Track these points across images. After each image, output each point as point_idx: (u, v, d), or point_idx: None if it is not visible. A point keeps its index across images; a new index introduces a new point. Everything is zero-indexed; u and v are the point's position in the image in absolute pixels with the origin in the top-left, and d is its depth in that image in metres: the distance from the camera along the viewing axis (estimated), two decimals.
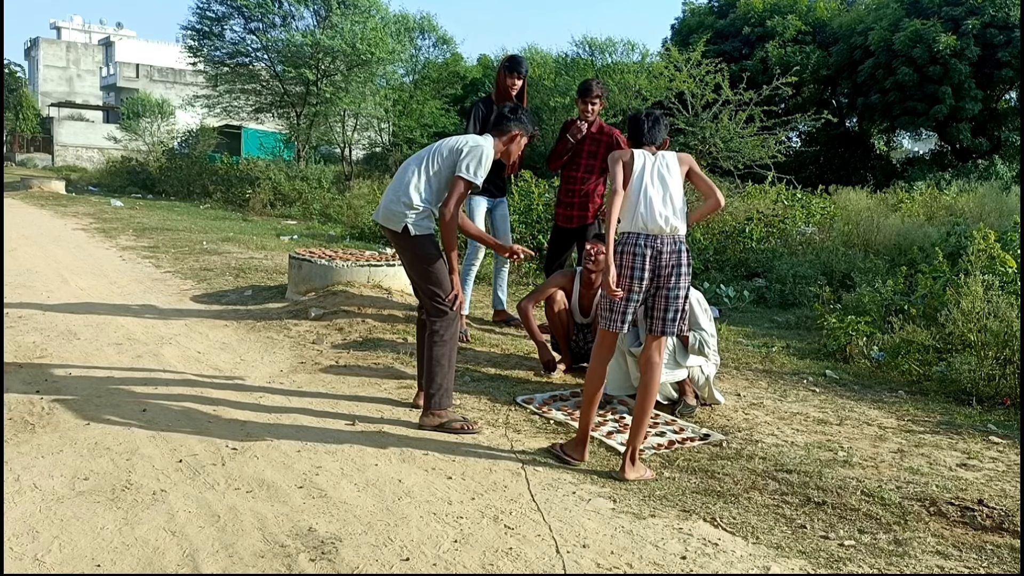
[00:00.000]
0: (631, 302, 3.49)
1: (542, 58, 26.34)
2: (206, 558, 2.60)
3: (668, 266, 3.46)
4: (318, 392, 4.48)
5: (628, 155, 3.58)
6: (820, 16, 27.19)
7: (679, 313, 3.53)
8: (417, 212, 3.97)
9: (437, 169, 4.00)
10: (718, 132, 13.14)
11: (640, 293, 3.48)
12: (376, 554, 2.67)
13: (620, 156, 3.60)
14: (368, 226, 12.90)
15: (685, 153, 3.71)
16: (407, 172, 4.06)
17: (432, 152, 4.06)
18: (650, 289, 3.50)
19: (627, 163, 3.55)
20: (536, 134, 4.27)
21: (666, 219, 3.45)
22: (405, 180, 4.02)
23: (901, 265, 7.73)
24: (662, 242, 3.45)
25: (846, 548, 2.85)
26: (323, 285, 6.57)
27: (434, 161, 4.01)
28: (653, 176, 3.52)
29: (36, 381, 4.39)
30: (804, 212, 11.89)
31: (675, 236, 3.48)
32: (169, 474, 3.25)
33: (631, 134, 3.73)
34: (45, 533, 2.71)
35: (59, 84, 53.44)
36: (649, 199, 3.46)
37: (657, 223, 3.44)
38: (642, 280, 3.45)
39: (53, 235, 11.35)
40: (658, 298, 3.51)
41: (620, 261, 3.48)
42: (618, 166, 3.55)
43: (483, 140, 4.05)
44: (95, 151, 36.72)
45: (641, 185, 3.49)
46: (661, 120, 3.74)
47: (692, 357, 4.41)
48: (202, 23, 20.01)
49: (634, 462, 3.43)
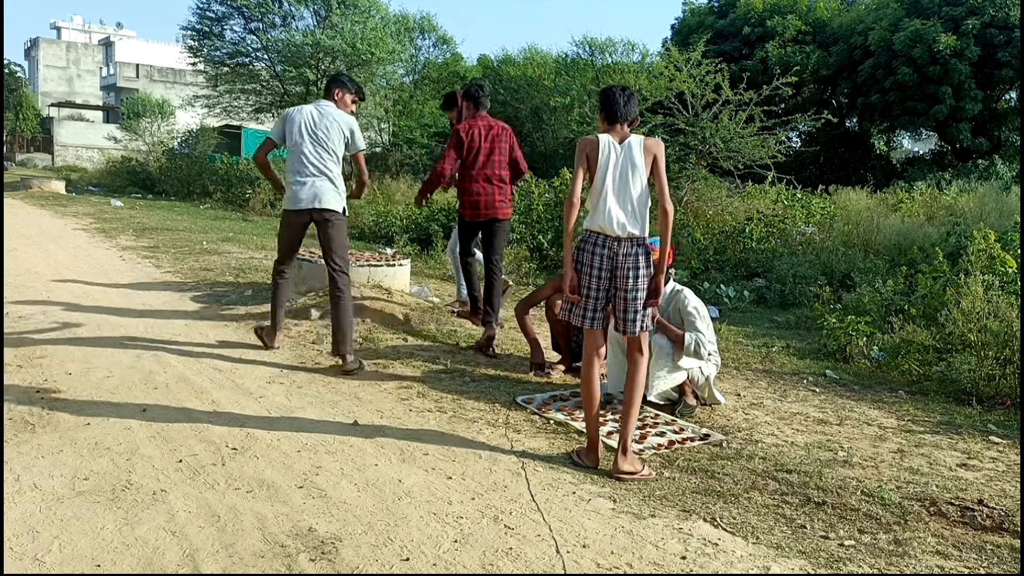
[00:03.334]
0: (593, 299, 3.51)
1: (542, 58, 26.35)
2: (206, 558, 2.60)
3: (624, 267, 3.48)
4: (318, 392, 4.48)
5: (592, 146, 3.51)
6: (820, 16, 27.20)
7: (638, 314, 3.53)
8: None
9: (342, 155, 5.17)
10: (718, 132, 13.11)
11: (600, 291, 3.51)
12: (376, 554, 2.67)
13: (585, 148, 3.52)
14: (368, 226, 12.91)
15: (654, 139, 3.61)
16: (328, 163, 5.05)
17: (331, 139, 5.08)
18: (611, 289, 3.53)
19: (591, 156, 3.49)
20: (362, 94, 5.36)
21: (623, 225, 3.47)
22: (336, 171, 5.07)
23: (901, 265, 7.74)
24: (619, 244, 3.48)
25: (846, 548, 2.85)
26: (323, 285, 6.56)
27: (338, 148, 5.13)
28: (616, 175, 3.49)
29: (36, 381, 4.39)
30: (804, 212, 11.90)
31: (632, 239, 3.49)
32: (169, 474, 3.25)
33: (605, 110, 3.57)
34: (45, 533, 2.71)
35: (59, 84, 53.44)
36: (608, 204, 3.46)
37: (614, 229, 3.46)
38: (600, 279, 3.48)
39: (53, 235, 11.35)
40: (618, 299, 3.54)
41: (580, 258, 3.50)
42: (581, 164, 3.50)
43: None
44: (95, 151, 36.72)
45: (603, 185, 3.47)
46: (634, 95, 3.62)
47: (688, 359, 4.40)
48: (202, 23, 20.01)
49: (626, 453, 3.44)
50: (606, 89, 3.63)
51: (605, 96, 3.60)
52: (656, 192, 3.52)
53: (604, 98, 3.60)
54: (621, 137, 3.54)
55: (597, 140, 3.52)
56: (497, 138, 5.71)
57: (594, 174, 3.49)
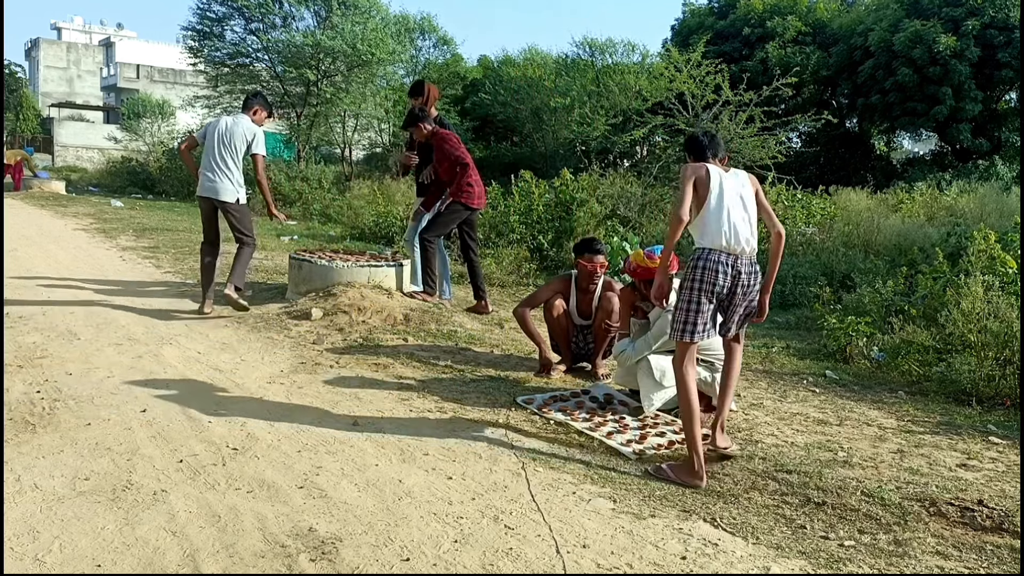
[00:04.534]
0: (706, 313, 3.55)
1: (542, 59, 26.33)
2: (207, 558, 2.60)
3: (747, 285, 3.59)
4: (318, 392, 4.48)
5: (703, 171, 3.58)
6: (820, 17, 27.19)
7: (748, 317, 3.72)
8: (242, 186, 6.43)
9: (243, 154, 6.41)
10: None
11: (712, 305, 3.56)
12: (376, 554, 2.67)
13: (694, 173, 3.57)
14: (368, 226, 12.91)
15: (751, 175, 3.78)
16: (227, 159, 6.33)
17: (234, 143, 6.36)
18: (723, 302, 3.61)
19: (702, 179, 3.56)
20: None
21: (747, 240, 3.56)
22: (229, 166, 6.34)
23: (901, 266, 7.74)
24: (742, 262, 3.56)
25: (846, 548, 2.85)
26: (323, 285, 6.57)
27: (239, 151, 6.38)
28: (734, 195, 3.58)
29: (37, 381, 4.39)
30: (804, 212, 11.89)
31: (752, 257, 3.61)
32: (170, 474, 3.25)
33: (694, 152, 3.75)
34: (46, 533, 2.71)
35: (59, 84, 53.45)
36: (733, 221, 3.53)
37: (741, 244, 3.54)
38: (717, 294, 3.55)
39: (53, 235, 11.36)
40: (733, 308, 3.63)
41: (699, 276, 3.52)
42: (689, 186, 3.55)
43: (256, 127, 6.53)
44: (95, 151, 36.71)
45: (723, 204, 3.53)
46: (717, 136, 3.86)
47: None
48: (202, 24, 20.03)
49: (723, 430, 3.70)
50: (690, 136, 3.86)
51: (691, 142, 3.81)
52: (764, 217, 3.72)
53: (690, 144, 3.81)
54: (722, 167, 3.68)
55: (705, 166, 3.61)
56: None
57: (703, 197, 3.55)
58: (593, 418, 4.21)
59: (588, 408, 4.39)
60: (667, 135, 13.92)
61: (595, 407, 4.42)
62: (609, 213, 11.68)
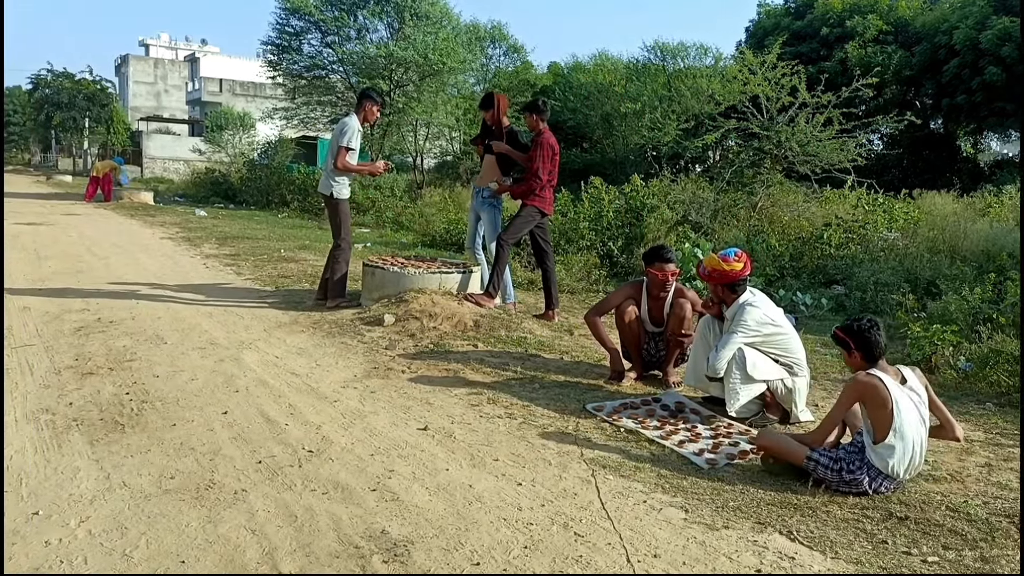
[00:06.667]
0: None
1: (612, 64, 26.24)
2: (284, 556, 2.67)
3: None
4: (391, 397, 4.56)
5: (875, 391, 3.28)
6: (902, 15, 26.34)
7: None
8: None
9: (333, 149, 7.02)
10: (794, 136, 12.83)
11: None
12: (447, 558, 2.70)
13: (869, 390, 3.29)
14: (439, 234, 13.07)
15: (917, 369, 3.52)
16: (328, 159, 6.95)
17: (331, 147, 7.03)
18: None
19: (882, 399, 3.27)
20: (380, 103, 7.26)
21: (916, 468, 3.38)
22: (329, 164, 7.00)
23: (990, 272, 7.41)
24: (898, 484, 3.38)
25: (929, 565, 2.74)
26: (396, 292, 6.68)
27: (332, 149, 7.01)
28: (919, 419, 3.34)
29: (126, 383, 4.60)
30: (886, 217, 11.51)
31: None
32: (249, 474, 3.36)
33: (863, 350, 3.47)
34: (133, 529, 2.83)
35: (147, 99, 55.96)
36: (914, 453, 3.30)
37: (912, 471, 3.37)
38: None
39: (142, 244, 11.86)
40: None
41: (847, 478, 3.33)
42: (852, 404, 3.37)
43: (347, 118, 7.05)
44: (181, 163, 38.26)
45: (911, 432, 3.28)
46: (879, 323, 3.50)
47: (766, 369, 4.28)
48: (281, 38, 20.62)
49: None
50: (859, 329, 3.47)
51: (857, 338, 3.47)
52: (942, 420, 3.49)
53: (856, 340, 3.47)
54: (893, 374, 3.40)
55: (881, 384, 3.29)
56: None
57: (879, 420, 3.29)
58: (664, 426, 4.16)
59: (659, 416, 4.34)
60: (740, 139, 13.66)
61: (666, 415, 4.37)
62: (680, 219, 11.54)
